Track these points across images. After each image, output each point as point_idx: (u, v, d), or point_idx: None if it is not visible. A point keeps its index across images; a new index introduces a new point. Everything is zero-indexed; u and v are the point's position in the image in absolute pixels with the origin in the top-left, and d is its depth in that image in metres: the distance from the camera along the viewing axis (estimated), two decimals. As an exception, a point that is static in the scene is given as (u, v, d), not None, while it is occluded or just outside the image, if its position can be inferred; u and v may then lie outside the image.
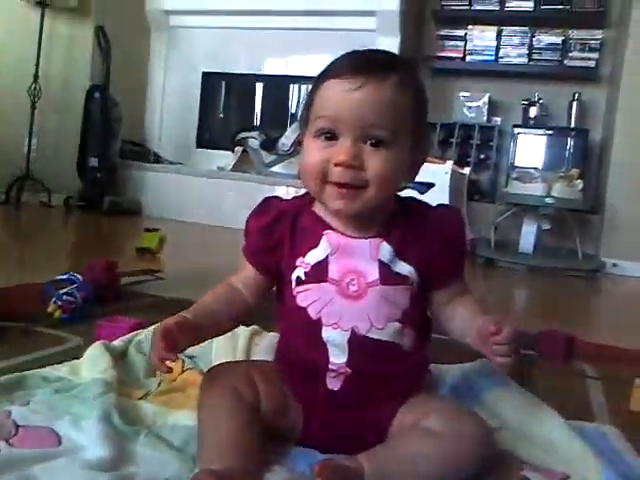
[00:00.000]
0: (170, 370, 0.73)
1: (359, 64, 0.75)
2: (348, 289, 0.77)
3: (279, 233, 0.81)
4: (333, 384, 0.77)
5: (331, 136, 0.75)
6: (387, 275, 0.77)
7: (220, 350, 1.03)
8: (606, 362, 1.41)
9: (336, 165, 0.73)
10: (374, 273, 0.77)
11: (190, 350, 1.02)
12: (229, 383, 0.76)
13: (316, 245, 0.78)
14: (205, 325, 0.79)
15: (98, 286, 1.43)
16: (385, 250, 0.78)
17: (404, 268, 0.78)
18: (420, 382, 0.84)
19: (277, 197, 0.86)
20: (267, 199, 0.86)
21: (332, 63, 0.78)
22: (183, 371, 0.98)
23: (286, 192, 3.85)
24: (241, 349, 1.02)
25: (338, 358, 0.77)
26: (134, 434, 0.74)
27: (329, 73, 0.76)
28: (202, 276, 2.10)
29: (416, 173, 0.82)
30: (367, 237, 0.78)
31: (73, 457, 0.68)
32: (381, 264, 0.77)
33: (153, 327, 1.08)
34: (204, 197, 4.08)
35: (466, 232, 0.85)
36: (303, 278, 0.78)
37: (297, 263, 0.79)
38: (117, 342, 1.03)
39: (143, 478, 0.64)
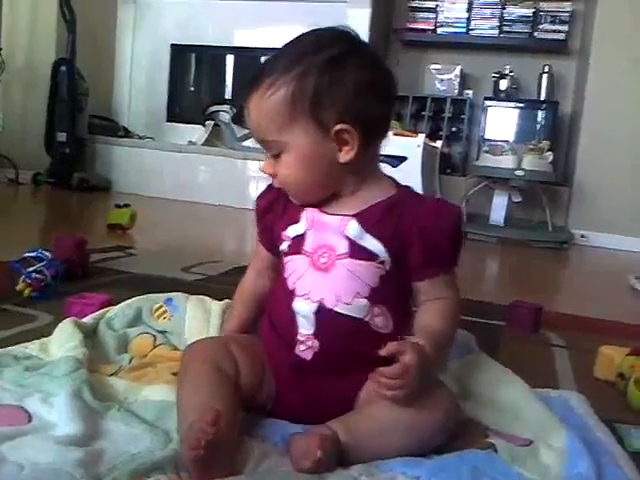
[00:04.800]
0: None
1: (248, 84, 0.81)
2: (319, 261, 0.80)
3: (275, 212, 0.87)
4: (304, 354, 0.79)
5: None
6: (355, 250, 0.79)
7: (193, 325, 1.03)
8: (572, 331, 1.45)
9: None
10: (343, 247, 0.79)
11: (162, 325, 1.03)
12: (209, 357, 0.77)
13: (297, 221, 0.83)
14: (252, 325, 0.91)
15: (68, 263, 1.42)
16: (352, 227, 0.79)
17: (373, 245, 0.79)
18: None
19: None
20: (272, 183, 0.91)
21: None
22: (155, 347, 0.98)
23: (257, 166, 3.82)
24: (215, 323, 1.02)
25: (306, 329, 0.79)
26: (105, 409, 0.74)
27: None
28: (174, 252, 2.09)
29: (356, 152, 0.78)
30: (339, 214, 0.81)
31: (43, 434, 0.68)
32: (349, 240, 0.79)
33: (125, 303, 1.08)
34: (175, 172, 4.04)
35: (456, 236, 0.81)
36: (287, 250, 0.84)
37: (283, 237, 0.84)
38: (87, 319, 1.02)
39: (113, 453, 0.65)
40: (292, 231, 0.83)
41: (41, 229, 2.67)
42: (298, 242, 0.82)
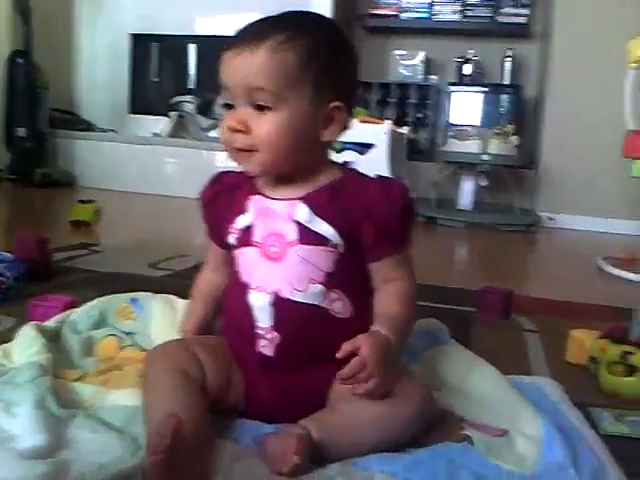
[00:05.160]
0: None
1: (240, 33, 0.78)
2: (270, 251, 0.78)
3: (219, 206, 0.85)
4: (267, 350, 0.78)
5: (230, 105, 0.78)
6: (305, 235, 0.77)
7: (160, 325, 1.01)
8: (543, 315, 1.46)
9: (227, 130, 0.77)
10: (292, 234, 0.78)
11: (128, 326, 1.01)
12: (173, 361, 0.75)
13: (245, 211, 0.81)
14: (208, 328, 0.88)
15: (30, 263, 1.38)
16: (301, 211, 0.78)
17: (323, 228, 0.77)
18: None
19: (227, 172, 0.89)
20: (217, 174, 0.89)
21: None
22: (121, 348, 0.95)
23: (225, 157, 3.77)
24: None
25: (264, 322, 0.77)
26: (71, 417, 0.72)
27: (225, 45, 0.79)
28: (141, 248, 2.05)
29: (334, 127, 0.79)
30: (286, 199, 0.79)
31: (6, 447, 0.65)
32: (298, 225, 0.78)
33: (89, 304, 1.05)
34: (140, 165, 3.96)
35: (406, 213, 0.80)
36: (235, 243, 0.82)
37: (230, 230, 0.82)
38: (50, 322, 0.99)
39: (80, 464, 0.62)
40: (240, 222, 0.81)
41: (3, 228, 2.60)
42: (246, 233, 0.80)
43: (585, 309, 1.57)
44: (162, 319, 1.02)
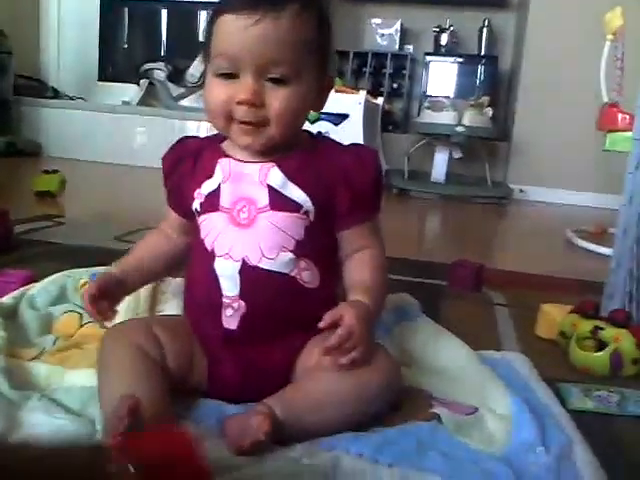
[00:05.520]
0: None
1: None
2: (239, 217, 0.75)
3: (181, 171, 0.82)
4: (230, 323, 0.75)
5: (231, 74, 0.73)
6: (277, 201, 0.75)
7: (122, 302, 0.97)
8: (514, 289, 1.45)
9: (239, 103, 0.72)
10: (264, 199, 0.75)
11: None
12: (132, 341, 0.72)
13: (212, 175, 0.78)
14: (134, 275, 0.83)
15: (-12, 236, 1.33)
16: (274, 174, 0.75)
17: (296, 194, 0.75)
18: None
19: (190, 137, 0.86)
20: (179, 140, 0.86)
21: None
22: (81, 325, 0.92)
23: (197, 127, 3.71)
24: (145, 299, 0.96)
25: (231, 291, 0.75)
26: (24, 399, 0.69)
27: (225, 7, 0.72)
28: (107, 220, 2.00)
29: (324, 101, 0.80)
30: (259, 162, 0.76)
31: (-47, 432, 0.62)
32: (271, 189, 0.75)
33: (48, 279, 1.02)
34: (109, 134, 3.87)
35: (378, 180, 0.80)
36: (199, 209, 0.79)
37: (195, 195, 0.79)
38: (6, 298, 0.95)
39: (32, 449, 0.60)
40: (207, 187, 0.78)
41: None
42: (212, 198, 0.77)
43: (555, 282, 1.57)
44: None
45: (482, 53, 4.09)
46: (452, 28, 4.13)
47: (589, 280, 1.55)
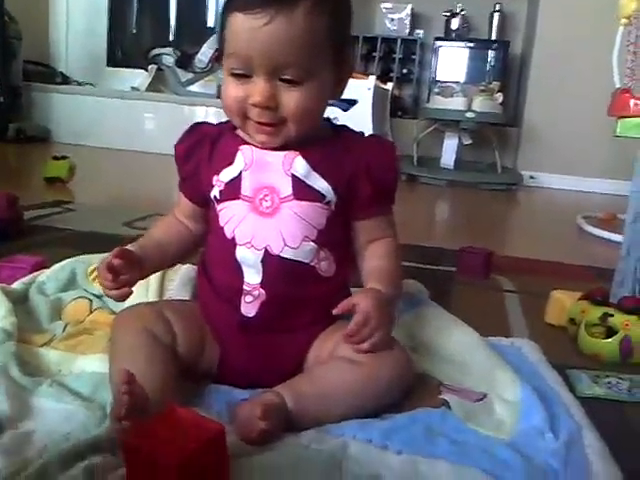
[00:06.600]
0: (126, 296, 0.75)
1: None
2: (261, 205, 0.75)
3: (198, 157, 0.80)
4: (249, 309, 0.75)
5: (244, 74, 0.71)
6: (301, 190, 0.75)
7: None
8: (523, 275, 1.45)
9: (253, 105, 0.72)
10: (287, 188, 0.75)
11: (99, 288, 0.97)
12: (143, 325, 0.73)
13: (232, 162, 0.77)
14: (151, 256, 0.80)
15: (-1, 222, 1.34)
16: (299, 164, 0.75)
17: (320, 184, 0.75)
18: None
19: (204, 122, 0.84)
20: (193, 125, 0.84)
21: None
22: (91, 312, 0.92)
23: (206, 112, 3.70)
24: (154, 286, 0.97)
25: (252, 279, 0.75)
26: (35, 385, 0.69)
27: (236, 4, 0.70)
28: (116, 206, 2.01)
29: (343, 89, 0.79)
30: (282, 150, 0.76)
31: (-34, 417, 0.63)
32: (295, 179, 0.75)
33: (58, 265, 1.02)
34: (118, 120, 3.86)
35: (397, 172, 0.81)
36: (219, 197, 0.77)
37: (214, 182, 0.78)
38: (16, 284, 0.95)
39: (42, 434, 0.60)
40: (227, 174, 0.77)
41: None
42: (233, 186, 0.76)
43: (565, 269, 1.57)
44: (134, 281, 0.98)
45: (493, 38, 4.05)
46: (463, 12, 4.08)
47: (599, 267, 1.55)
